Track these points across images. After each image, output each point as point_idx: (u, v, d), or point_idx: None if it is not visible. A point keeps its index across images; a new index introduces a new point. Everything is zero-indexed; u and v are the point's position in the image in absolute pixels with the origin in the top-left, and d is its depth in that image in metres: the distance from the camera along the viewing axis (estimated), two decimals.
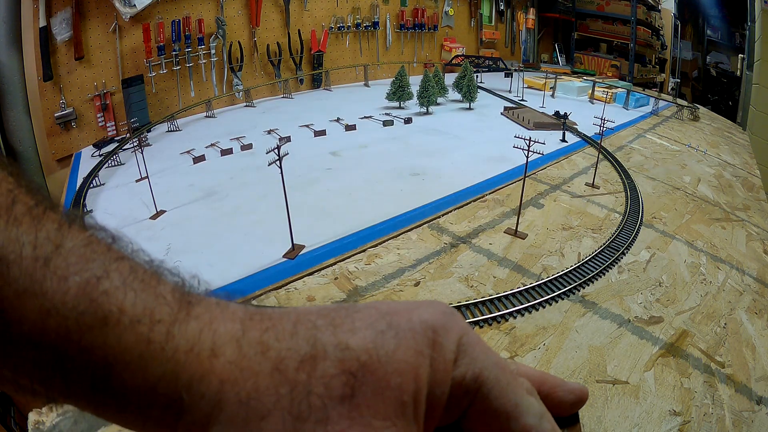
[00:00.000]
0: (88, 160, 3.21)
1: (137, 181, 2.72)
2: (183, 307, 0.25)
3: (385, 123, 3.88)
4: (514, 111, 4.32)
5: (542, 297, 1.71)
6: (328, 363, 0.25)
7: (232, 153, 3.20)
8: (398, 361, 0.26)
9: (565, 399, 0.34)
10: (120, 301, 0.24)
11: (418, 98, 4.26)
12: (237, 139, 3.41)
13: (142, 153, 2.59)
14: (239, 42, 4.41)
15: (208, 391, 0.24)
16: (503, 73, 5.85)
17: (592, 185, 2.78)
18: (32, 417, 1.15)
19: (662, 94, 5.88)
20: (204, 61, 4.20)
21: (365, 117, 4.05)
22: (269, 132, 3.62)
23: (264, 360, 0.25)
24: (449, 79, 4.81)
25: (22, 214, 0.23)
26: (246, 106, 4.49)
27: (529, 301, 1.68)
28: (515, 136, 2.29)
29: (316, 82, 5.21)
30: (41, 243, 0.23)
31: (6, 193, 0.24)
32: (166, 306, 0.25)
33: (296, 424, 0.24)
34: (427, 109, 4.31)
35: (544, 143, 2.15)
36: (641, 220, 2.36)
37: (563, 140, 3.62)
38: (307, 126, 3.74)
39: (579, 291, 1.78)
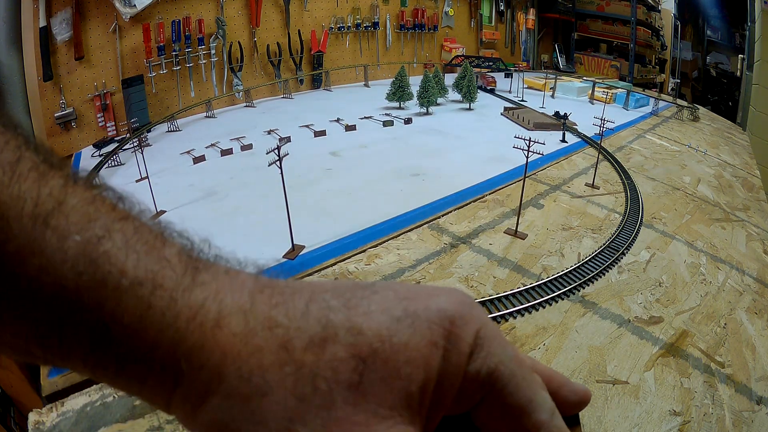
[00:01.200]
0: (88, 160, 3.21)
1: (137, 181, 2.72)
2: (189, 272, 0.25)
3: (385, 123, 3.88)
4: (514, 111, 4.32)
5: (542, 297, 1.71)
6: (339, 347, 0.24)
7: (232, 153, 3.20)
8: (411, 351, 0.25)
9: (569, 399, 0.33)
10: (121, 263, 0.23)
11: (418, 98, 4.25)
12: (237, 139, 3.41)
13: (142, 153, 2.59)
14: (239, 42, 4.41)
15: (209, 363, 0.23)
16: (503, 74, 5.86)
17: (592, 185, 2.78)
18: (32, 417, 1.14)
19: (662, 95, 5.87)
20: (204, 61, 4.19)
21: (365, 117, 4.05)
22: (269, 132, 3.62)
23: (271, 336, 0.24)
24: (449, 79, 4.81)
25: (28, 169, 0.23)
26: (246, 106, 4.48)
27: (529, 301, 1.68)
28: (515, 137, 2.29)
29: (316, 83, 5.21)
30: (43, 200, 0.23)
31: (13, 150, 0.23)
32: (171, 270, 0.24)
33: (299, 405, 0.23)
34: (427, 110, 4.31)
35: (544, 143, 2.15)
36: (641, 221, 2.36)
37: (563, 140, 3.62)
38: (307, 126, 3.74)
39: (579, 291, 1.78)
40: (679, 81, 6.34)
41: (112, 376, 0.24)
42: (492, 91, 5.26)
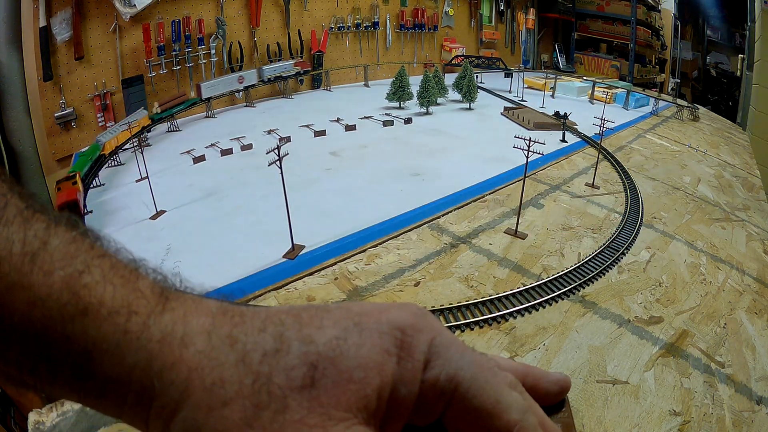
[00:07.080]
0: None
1: (137, 181, 2.72)
2: (160, 301, 0.27)
3: (385, 123, 3.88)
4: (514, 111, 4.32)
5: (542, 297, 1.71)
6: (291, 356, 0.26)
7: (232, 153, 3.20)
8: (362, 357, 0.27)
9: (551, 390, 0.34)
10: (99, 294, 0.25)
11: (418, 98, 4.26)
12: (237, 139, 3.41)
13: (142, 153, 2.59)
14: (239, 42, 4.41)
15: (177, 378, 0.25)
16: (503, 73, 5.85)
17: (592, 185, 2.78)
18: (32, 417, 1.15)
19: (662, 95, 5.88)
20: (204, 61, 4.19)
21: (365, 117, 4.05)
22: (269, 132, 3.62)
23: (231, 352, 0.26)
24: (449, 79, 4.81)
25: (14, 215, 0.25)
26: (246, 106, 4.48)
27: (529, 301, 1.68)
28: (515, 137, 2.29)
29: (316, 82, 5.21)
30: (29, 241, 0.25)
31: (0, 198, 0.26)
32: (144, 300, 0.27)
33: (256, 411, 0.25)
34: (427, 110, 4.31)
35: (544, 143, 2.15)
36: (641, 221, 2.36)
37: (563, 140, 3.62)
38: (307, 126, 3.74)
39: (579, 291, 1.78)
40: (679, 81, 6.34)
41: (96, 399, 0.26)
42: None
